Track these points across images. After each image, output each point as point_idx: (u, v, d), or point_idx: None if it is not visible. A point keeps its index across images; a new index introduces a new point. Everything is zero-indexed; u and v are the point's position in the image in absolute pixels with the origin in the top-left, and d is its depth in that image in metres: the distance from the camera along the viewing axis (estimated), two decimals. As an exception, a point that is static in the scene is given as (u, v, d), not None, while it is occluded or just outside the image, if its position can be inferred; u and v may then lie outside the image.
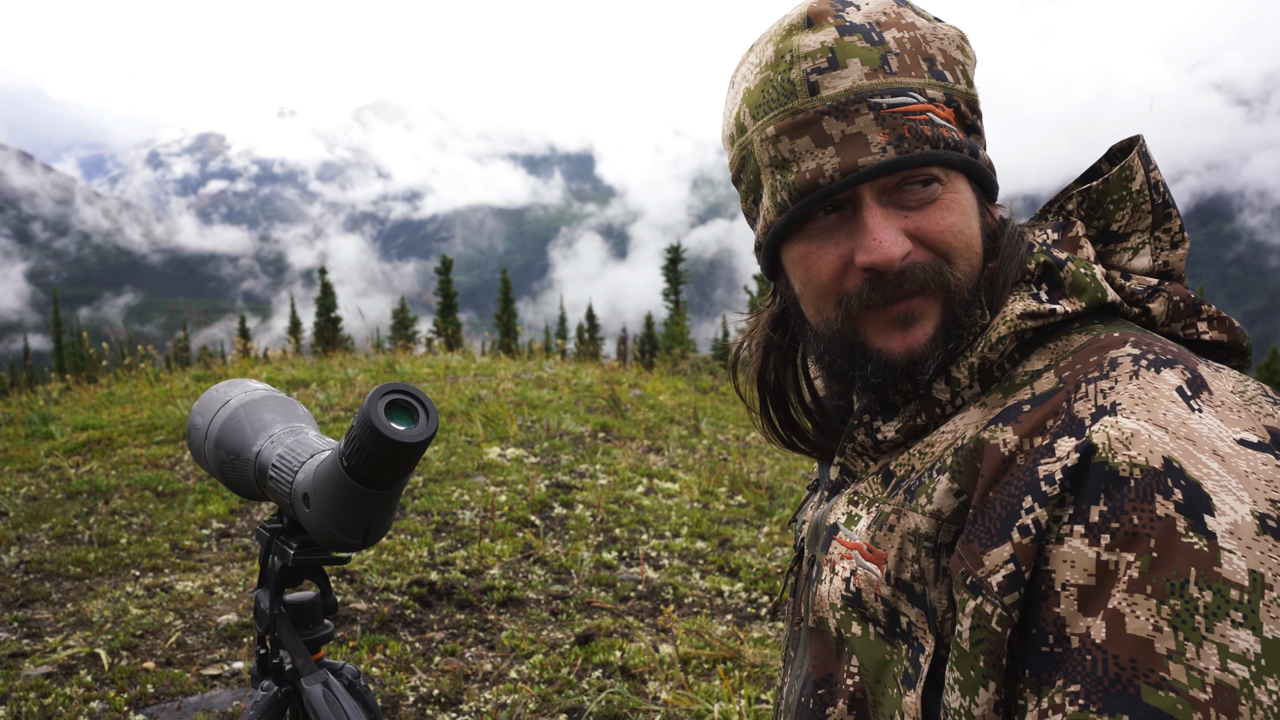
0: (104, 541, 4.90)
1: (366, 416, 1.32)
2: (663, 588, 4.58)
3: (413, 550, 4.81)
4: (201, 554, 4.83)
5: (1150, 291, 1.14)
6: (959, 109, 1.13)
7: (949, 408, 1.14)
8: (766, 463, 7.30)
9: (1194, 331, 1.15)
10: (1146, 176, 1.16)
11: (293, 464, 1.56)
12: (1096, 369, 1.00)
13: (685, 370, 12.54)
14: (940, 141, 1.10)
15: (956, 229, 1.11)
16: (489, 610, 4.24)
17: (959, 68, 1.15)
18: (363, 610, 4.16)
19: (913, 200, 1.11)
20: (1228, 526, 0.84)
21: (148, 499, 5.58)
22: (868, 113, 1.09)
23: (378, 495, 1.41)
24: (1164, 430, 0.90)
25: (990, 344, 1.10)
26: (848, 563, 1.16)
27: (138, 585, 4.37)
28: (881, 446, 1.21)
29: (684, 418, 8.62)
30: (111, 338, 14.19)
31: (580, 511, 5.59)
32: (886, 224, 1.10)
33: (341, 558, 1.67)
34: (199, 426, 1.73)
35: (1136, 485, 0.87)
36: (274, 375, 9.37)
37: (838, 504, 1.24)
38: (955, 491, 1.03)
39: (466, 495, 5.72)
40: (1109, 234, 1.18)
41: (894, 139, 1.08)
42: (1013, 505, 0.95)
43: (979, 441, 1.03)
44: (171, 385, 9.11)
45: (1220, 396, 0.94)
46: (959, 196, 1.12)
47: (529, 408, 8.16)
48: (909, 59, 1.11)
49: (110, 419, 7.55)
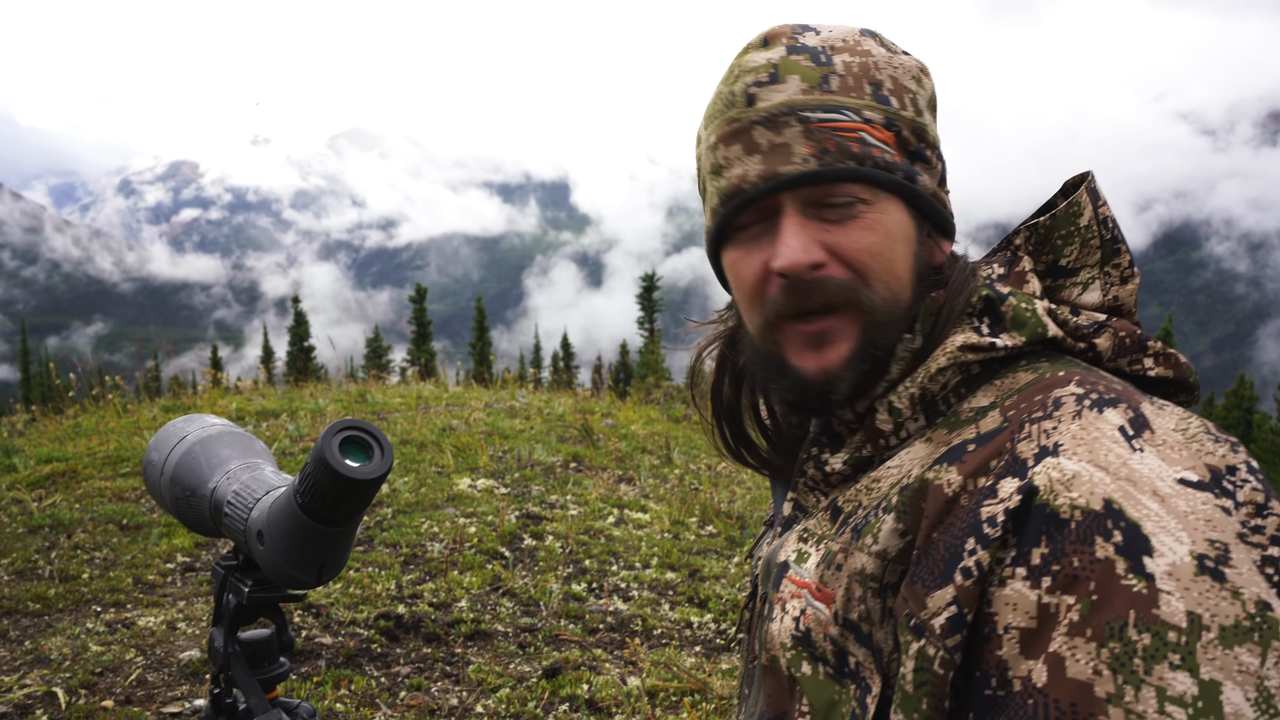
0: (65, 576, 4.84)
1: (320, 453, 1.31)
2: (631, 619, 4.56)
3: (380, 583, 4.77)
4: (165, 589, 4.77)
5: (1096, 327, 1.14)
6: (900, 134, 1.14)
7: (893, 439, 1.15)
8: (738, 492, 7.30)
9: (1140, 367, 1.15)
10: (1095, 212, 1.16)
11: (248, 500, 1.54)
12: (1040, 408, 1.00)
13: (658, 399, 12.54)
14: (867, 160, 1.11)
15: (875, 250, 1.12)
16: (456, 643, 4.21)
17: (909, 96, 1.16)
18: (328, 644, 4.11)
19: (833, 215, 1.12)
20: (1166, 568, 0.84)
21: (111, 533, 5.51)
22: (796, 125, 1.12)
23: (332, 532, 1.40)
24: (1105, 471, 0.90)
25: (930, 374, 1.11)
26: (798, 601, 1.15)
27: (99, 621, 4.31)
28: (831, 480, 1.21)
29: (656, 447, 8.61)
30: (80, 368, 14.05)
31: (550, 543, 5.56)
32: (801, 232, 1.12)
33: (296, 595, 1.65)
34: (155, 462, 1.72)
35: (1077, 527, 0.87)
36: (244, 406, 9.30)
37: (788, 541, 1.23)
38: (900, 531, 1.03)
39: (436, 527, 5.68)
40: (1058, 269, 1.18)
41: (818, 151, 1.11)
42: (956, 547, 0.95)
43: (924, 481, 1.02)
44: (139, 416, 9.02)
45: (1162, 435, 0.94)
46: (883, 218, 1.13)
47: (500, 438, 8.14)
48: (852, 81, 1.13)
49: (75, 451, 7.46)
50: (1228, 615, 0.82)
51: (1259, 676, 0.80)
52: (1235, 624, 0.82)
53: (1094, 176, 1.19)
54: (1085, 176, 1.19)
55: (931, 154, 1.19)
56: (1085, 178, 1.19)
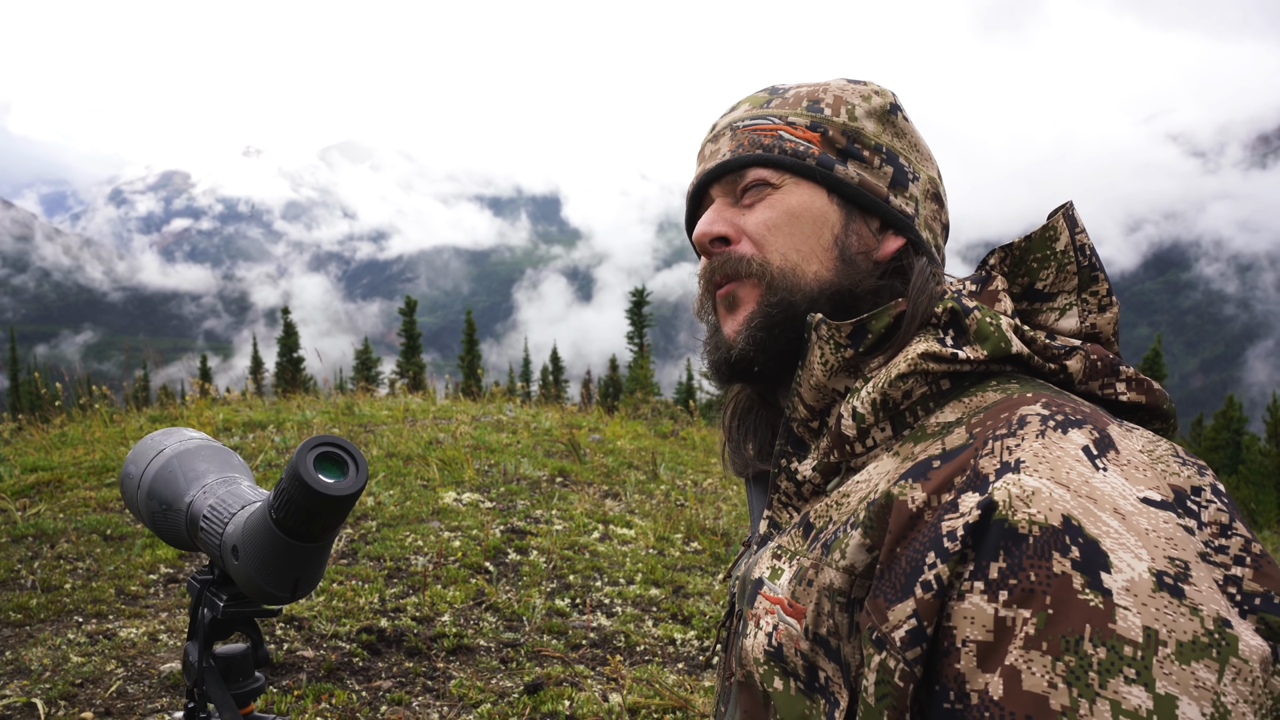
0: (47, 587, 4.82)
1: (295, 469, 1.32)
2: (614, 635, 4.56)
3: (363, 596, 4.76)
4: (148, 600, 4.75)
5: (1068, 350, 1.15)
6: (826, 134, 1.27)
7: (859, 446, 1.16)
8: (724, 509, 7.30)
9: (1112, 391, 1.16)
10: (1072, 238, 1.17)
11: (223, 515, 1.55)
12: (1005, 426, 1.01)
13: (646, 414, 12.54)
14: (776, 149, 1.27)
15: (772, 224, 1.25)
16: (438, 658, 4.20)
17: (845, 107, 1.29)
18: (309, 658, 4.10)
19: (749, 199, 1.28)
20: (1124, 584, 0.84)
21: (95, 543, 5.49)
22: (729, 133, 1.32)
23: (307, 548, 1.41)
24: (1065, 488, 0.91)
25: (890, 380, 1.13)
26: (770, 617, 1.16)
27: (80, 632, 4.30)
28: (803, 490, 1.24)
29: (642, 463, 8.61)
30: (67, 377, 13.99)
31: (534, 558, 5.56)
32: (715, 213, 1.30)
33: (271, 610, 1.66)
34: (132, 475, 1.72)
35: (1035, 542, 0.88)
36: (231, 416, 9.27)
37: (763, 558, 1.24)
38: (867, 547, 1.04)
39: (420, 540, 5.68)
40: (1034, 293, 1.19)
41: (734, 148, 1.29)
42: (917, 561, 0.95)
43: (889, 496, 1.03)
44: (125, 426, 8.99)
45: (1127, 455, 0.95)
46: (786, 198, 1.26)
47: (487, 451, 8.13)
48: (791, 101, 1.30)
49: (61, 460, 7.43)
50: (1185, 631, 0.83)
51: (1215, 692, 0.80)
52: (1193, 640, 0.82)
53: (1074, 205, 1.20)
54: (1066, 205, 1.20)
55: (872, 155, 1.28)
56: (1065, 206, 1.20)
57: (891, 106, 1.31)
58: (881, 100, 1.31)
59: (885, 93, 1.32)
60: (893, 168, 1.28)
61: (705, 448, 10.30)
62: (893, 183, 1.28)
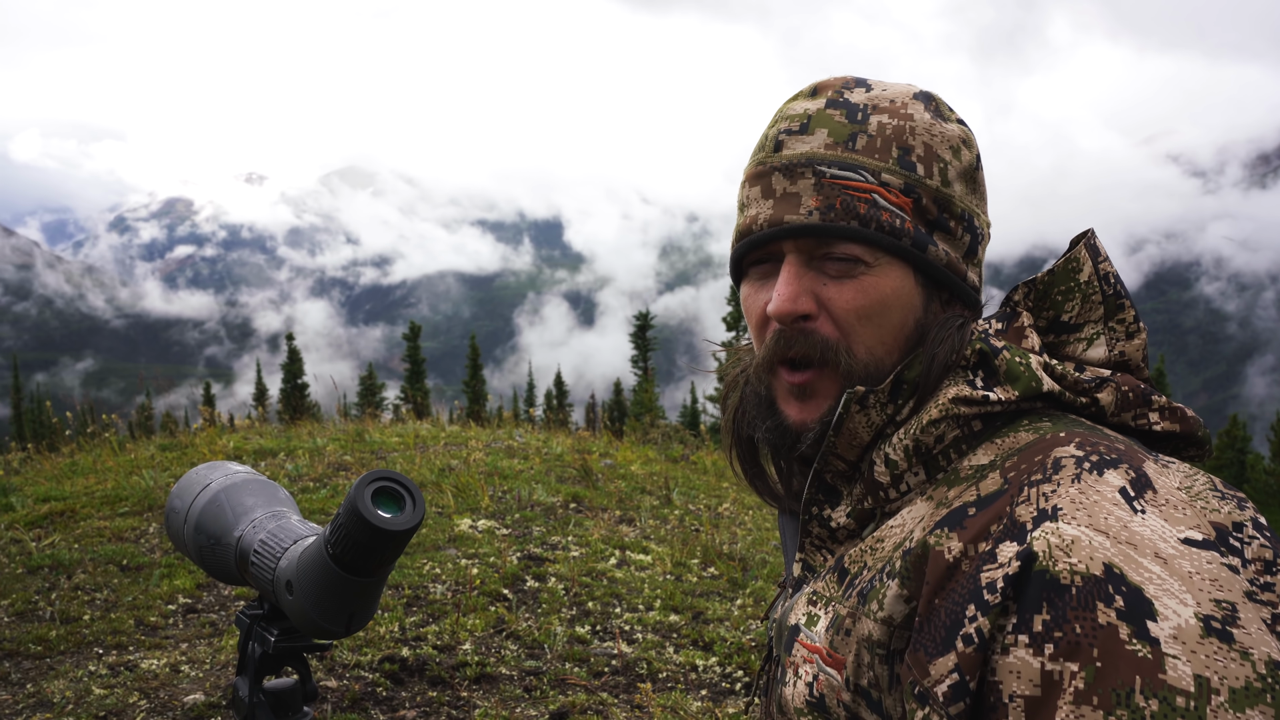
0: (66, 618, 4.80)
1: (354, 505, 1.32)
2: (637, 662, 4.53)
3: (384, 625, 4.74)
4: (167, 630, 4.73)
5: (1098, 382, 1.12)
6: (919, 201, 1.16)
7: (893, 491, 1.14)
8: (739, 534, 7.28)
9: (1145, 422, 1.13)
10: (1095, 268, 1.16)
11: (275, 550, 1.55)
12: (1040, 470, 0.99)
13: (656, 439, 12.53)
14: (872, 221, 1.14)
15: (865, 312, 1.15)
16: (461, 687, 4.18)
17: (939, 165, 1.17)
18: (333, 688, 4.08)
19: (834, 270, 1.16)
20: (1171, 631, 0.83)
21: (112, 573, 5.47)
22: (810, 177, 1.16)
23: (363, 582, 1.41)
24: (1104, 535, 0.89)
25: (922, 426, 1.11)
26: (810, 666, 1.15)
27: (101, 664, 4.28)
28: (837, 535, 1.21)
29: (655, 487, 8.59)
30: (76, 405, 13.99)
31: (553, 584, 5.54)
32: (796, 281, 1.16)
33: (322, 645, 1.65)
34: (178, 510, 1.72)
35: (1078, 593, 0.86)
36: (241, 444, 9.27)
37: (799, 603, 1.22)
38: (905, 598, 1.03)
39: (438, 568, 5.66)
40: (1060, 325, 1.17)
41: (824, 206, 1.15)
42: (956, 613, 0.94)
43: (925, 546, 1.02)
44: (136, 455, 8.99)
45: (1165, 494, 0.93)
46: (881, 282, 1.15)
47: (500, 478, 8.12)
48: (880, 143, 1.16)
49: (73, 490, 7.42)
50: (1237, 677, 0.81)
51: None
52: (1245, 685, 0.81)
53: (1095, 234, 1.18)
54: (1086, 234, 1.19)
55: (956, 225, 1.19)
56: (1086, 234, 1.19)
57: (977, 160, 1.24)
58: (969, 155, 1.22)
59: (971, 139, 1.24)
60: (970, 235, 1.22)
61: (717, 472, 10.28)
62: (968, 252, 1.23)
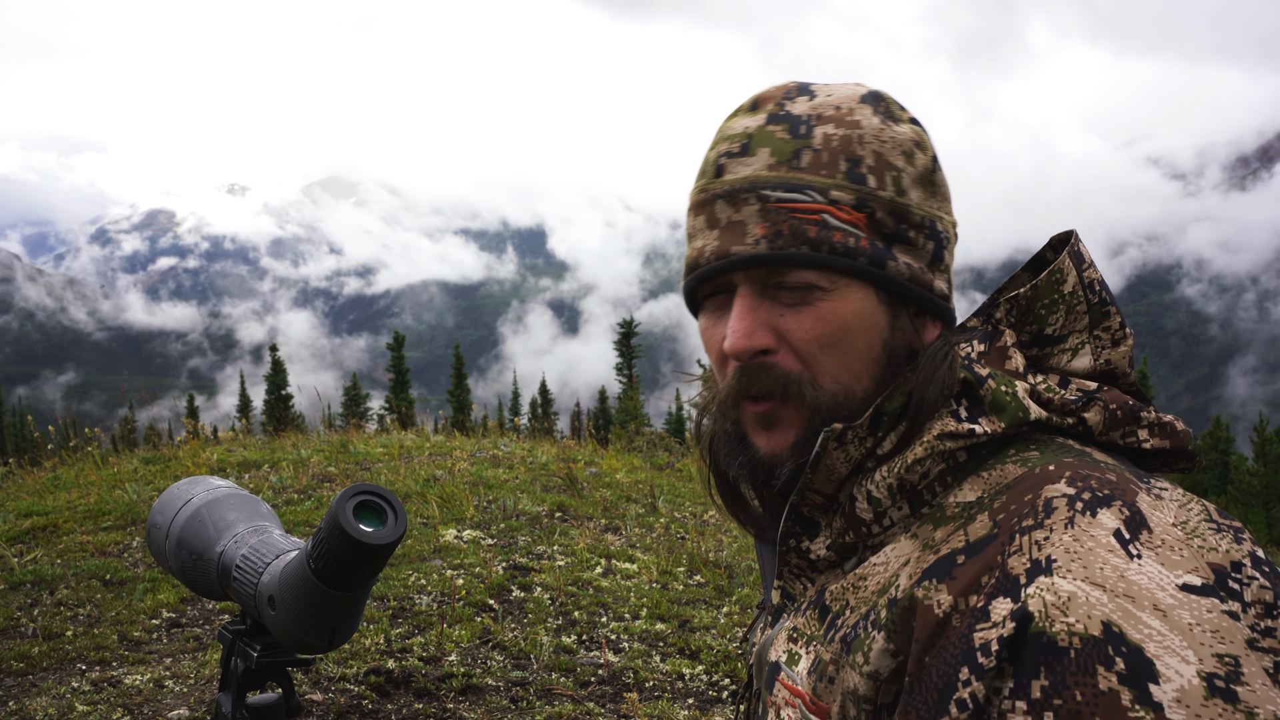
0: (49, 634, 4.77)
1: (335, 519, 1.32)
2: (623, 672, 4.53)
3: (369, 638, 4.73)
4: (151, 645, 4.71)
5: (1085, 400, 1.08)
6: (873, 215, 1.09)
7: (875, 527, 1.10)
8: (725, 541, 7.28)
9: (1134, 440, 1.10)
10: (1080, 276, 1.11)
11: (257, 565, 1.54)
12: (1030, 513, 0.95)
13: (641, 446, 12.52)
14: (824, 245, 1.07)
15: (826, 341, 1.09)
16: (448, 699, 4.17)
17: (891, 174, 1.11)
18: (318, 701, 4.07)
19: (789, 298, 1.09)
20: (1174, 694, 0.80)
21: (95, 588, 5.44)
22: (755, 203, 1.08)
23: (345, 596, 1.41)
24: (1101, 589, 0.86)
25: (907, 465, 1.07)
26: (792, 711, 1.11)
27: (84, 680, 4.25)
28: (817, 565, 1.17)
29: (641, 496, 8.59)
30: (58, 419, 13.90)
31: (539, 594, 5.53)
32: (749, 315, 1.09)
33: (305, 659, 1.65)
34: (159, 525, 1.71)
35: (1077, 656, 0.83)
36: (225, 457, 9.22)
37: (779, 638, 1.18)
38: (892, 652, 0.99)
39: (423, 579, 5.64)
40: (1044, 338, 1.13)
41: (771, 233, 1.07)
42: (949, 675, 0.91)
43: (913, 600, 0.98)
44: (119, 468, 8.94)
45: (1161, 534, 0.90)
46: (840, 306, 1.08)
47: (485, 488, 8.10)
48: (827, 157, 1.09)
49: (55, 504, 7.37)
50: None
51: None
52: None
53: (1078, 237, 1.13)
54: (1069, 238, 1.14)
55: (916, 234, 1.13)
56: (1069, 239, 1.14)
57: (934, 161, 1.17)
58: (924, 158, 1.15)
59: (924, 140, 1.17)
60: (933, 242, 1.15)
61: (702, 479, 10.27)
62: (933, 259, 1.16)
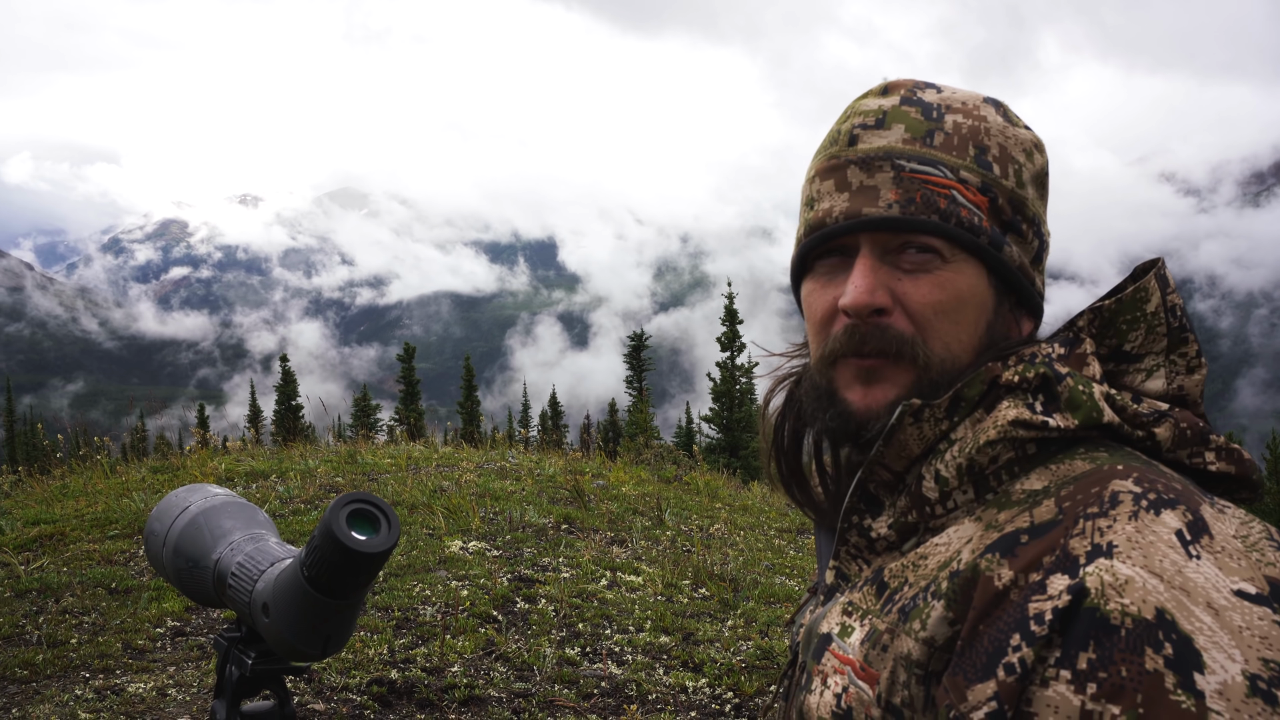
0: (53, 642, 4.78)
1: (328, 527, 1.32)
2: (626, 684, 4.52)
3: (372, 648, 4.72)
4: (155, 654, 4.71)
5: (1157, 416, 1.10)
6: (995, 201, 1.14)
7: (939, 508, 1.12)
8: (730, 554, 7.27)
9: (1200, 461, 1.11)
10: (1163, 299, 1.13)
11: (252, 572, 1.54)
12: (1096, 503, 0.97)
13: (649, 459, 12.51)
14: (951, 217, 1.12)
15: (942, 308, 1.13)
16: (450, 710, 4.16)
17: (1014, 166, 1.16)
18: (320, 711, 4.07)
19: (909, 264, 1.13)
20: (1217, 686, 0.82)
21: (100, 596, 5.45)
22: (889, 170, 1.13)
23: (339, 605, 1.40)
24: (1159, 578, 0.88)
25: (978, 446, 1.08)
26: (840, 678, 1.13)
27: (87, 688, 4.26)
28: (875, 546, 1.19)
29: (647, 508, 8.57)
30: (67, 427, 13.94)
31: (543, 606, 5.52)
32: (872, 274, 1.13)
33: (300, 668, 1.65)
34: (157, 533, 1.71)
35: (1127, 635, 0.86)
36: (233, 466, 9.25)
37: (832, 612, 1.20)
38: (950, 620, 1.01)
39: (428, 590, 5.64)
40: (1122, 354, 1.15)
41: (904, 200, 1.12)
42: (1000, 641, 0.93)
43: (975, 570, 1.00)
44: (127, 477, 8.96)
45: (1221, 542, 0.92)
46: (957, 278, 1.13)
47: (491, 499, 8.10)
48: (957, 141, 1.14)
49: (63, 513, 7.40)
50: None
51: None
52: None
53: (1164, 264, 1.16)
54: (1156, 263, 1.17)
55: (1028, 228, 1.18)
56: (1156, 264, 1.16)
57: (1047, 166, 1.22)
58: (1041, 160, 1.21)
59: (1042, 146, 1.22)
60: (1039, 241, 1.20)
61: (709, 492, 10.26)
62: (1035, 257, 1.20)
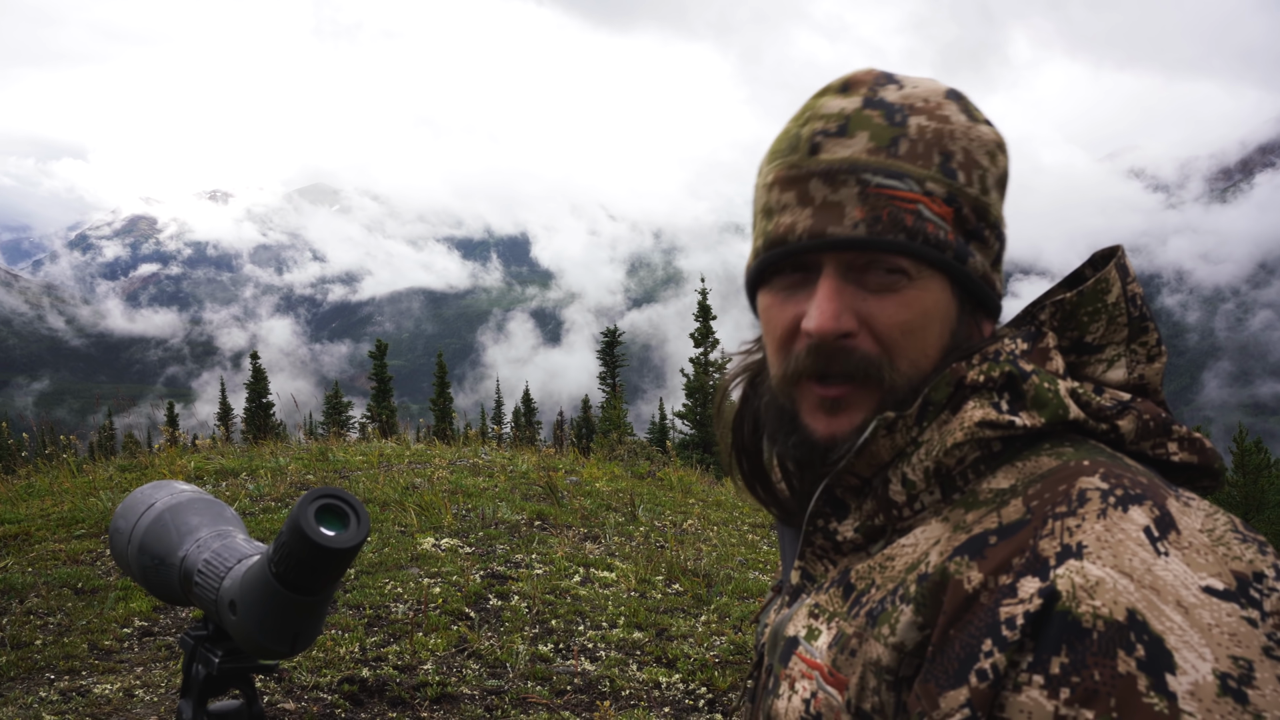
0: (18, 643, 4.71)
1: (296, 522, 1.30)
2: (599, 680, 4.51)
3: (344, 646, 4.69)
4: (122, 654, 4.66)
5: (1120, 409, 1.10)
6: (960, 211, 1.11)
7: (907, 510, 1.11)
8: (704, 550, 7.27)
9: (1164, 452, 1.11)
10: (1124, 289, 1.14)
11: (219, 570, 1.52)
12: (1064, 501, 0.97)
13: (622, 455, 12.50)
14: (918, 235, 1.08)
15: (909, 327, 1.10)
16: (422, 708, 4.14)
17: (978, 172, 1.13)
18: (290, 710, 4.03)
19: (874, 284, 1.10)
20: (1189, 687, 0.83)
21: (66, 597, 5.38)
22: (854, 185, 1.09)
23: (307, 602, 1.38)
24: (1129, 578, 0.88)
25: (945, 449, 1.08)
26: (808, 682, 1.12)
27: (52, 690, 4.20)
28: (842, 548, 1.18)
29: (621, 504, 8.57)
30: (32, 426, 13.79)
31: (516, 603, 5.50)
32: (837, 296, 1.10)
33: (268, 666, 1.62)
34: (122, 530, 1.69)
35: (1099, 638, 0.86)
36: (203, 464, 9.16)
37: (798, 614, 1.19)
38: (919, 625, 1.01)
39: (400, 588, 5.61)
40: (1083, 345, 1.15)
41: (870, 218, 1.08)
42: (972, 646, 0.93)
43: (944, 574, 1.00)
44: (94, 476, 8.86)
45: (1188, 536, 0.92)
46: (923, 295, 1.10)
47: (464, 496, 8.07)
48: (922, 148, 1.10)
49: (28, 512, 7.30)
50: None
51: None
52: None
53: (1124, 252, 1.16)
54: (1115, 251, 1.16)
55: (990, 234, 1.15)
56: (1115, 252, 1.16)
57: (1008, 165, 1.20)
58: (1004, 160, 1.18)
59: (1003, 144, 1.19)
60: (999, 243, 1.18)
61: (683, 488, 10.26)
62: (995, 259, 1.18)
